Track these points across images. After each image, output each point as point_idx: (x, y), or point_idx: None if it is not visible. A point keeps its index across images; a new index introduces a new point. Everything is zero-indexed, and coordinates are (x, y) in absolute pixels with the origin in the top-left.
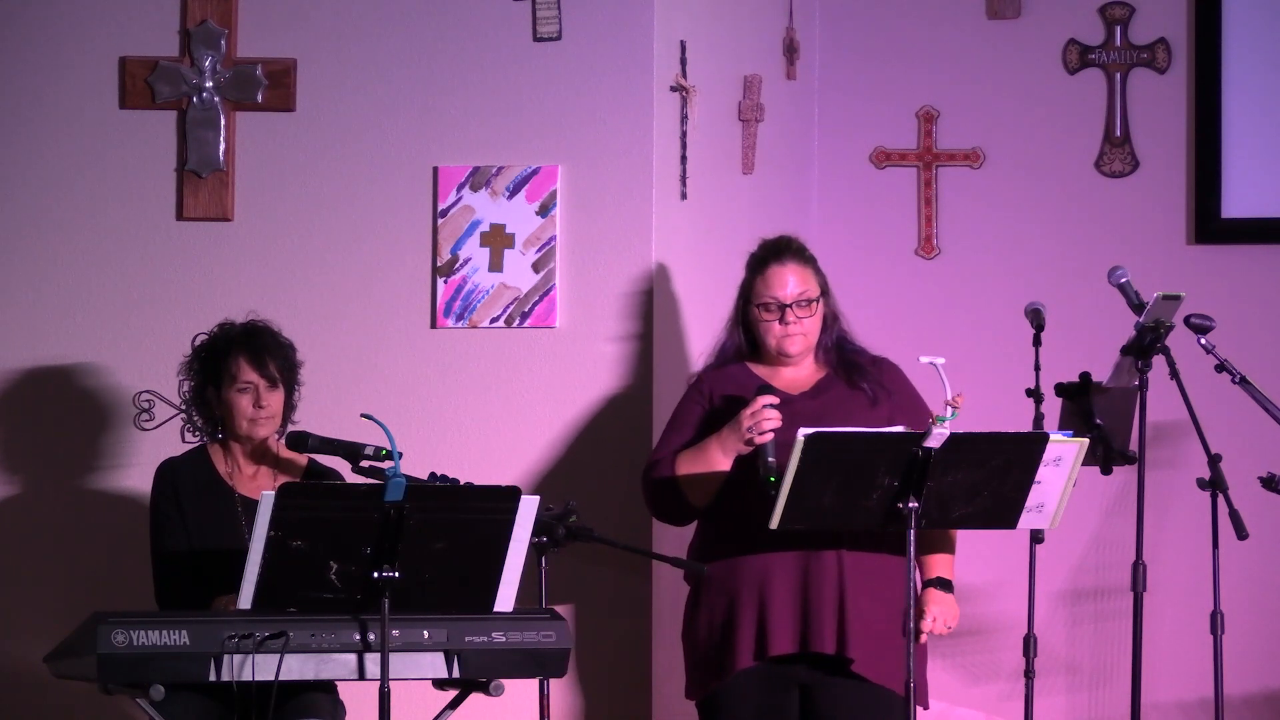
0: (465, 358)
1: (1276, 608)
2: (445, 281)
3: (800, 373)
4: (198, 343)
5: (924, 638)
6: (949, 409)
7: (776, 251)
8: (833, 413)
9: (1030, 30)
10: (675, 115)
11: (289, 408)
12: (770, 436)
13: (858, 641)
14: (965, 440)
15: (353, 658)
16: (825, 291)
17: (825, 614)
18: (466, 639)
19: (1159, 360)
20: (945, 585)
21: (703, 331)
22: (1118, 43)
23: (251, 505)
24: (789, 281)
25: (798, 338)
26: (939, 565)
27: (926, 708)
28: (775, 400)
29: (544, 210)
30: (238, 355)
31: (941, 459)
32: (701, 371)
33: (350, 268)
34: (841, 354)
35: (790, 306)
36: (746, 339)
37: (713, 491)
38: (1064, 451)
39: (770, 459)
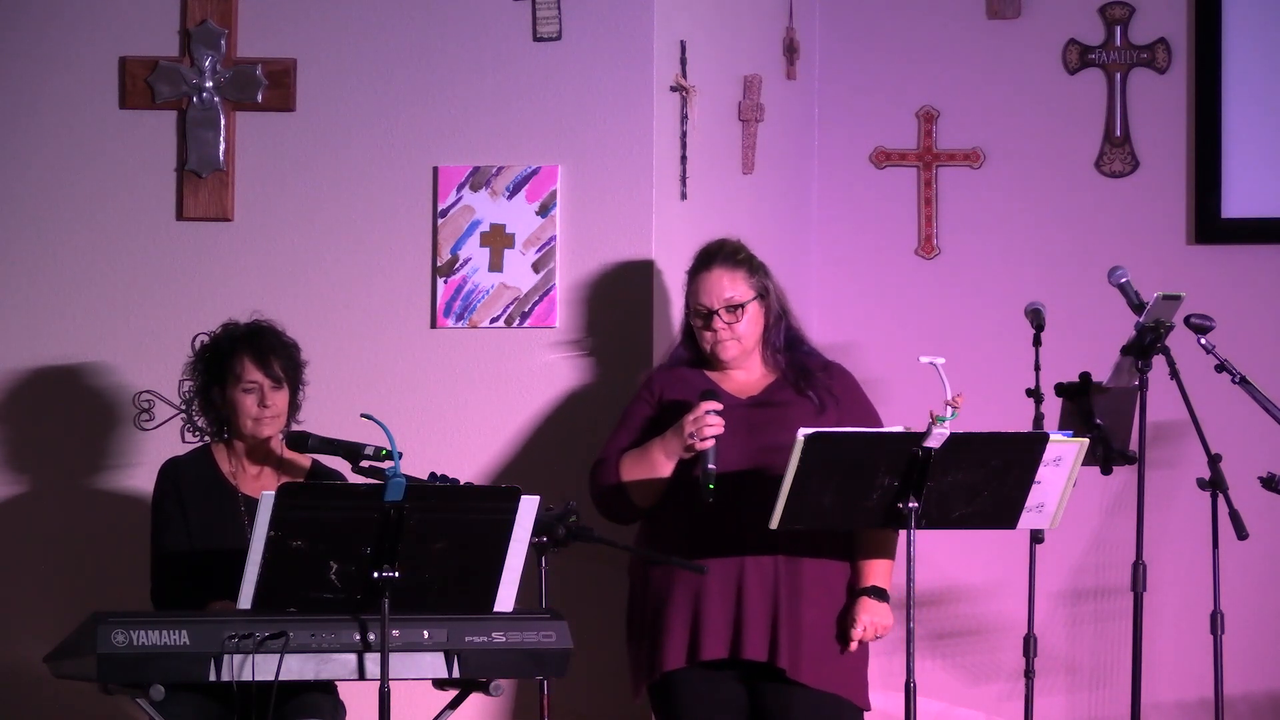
0: (465, 358)
1: (1276, 608)
2: (445, 281)
3: (750, 376)
4: (200, 343)
5: (853, 645)
6: (949, 409)
7: (706, 258)
8: (777, 420)
9: (1030, 30)
10: (675, 115)
11: (294, 407)
12: (712, 443)
13: (792, 649)
14: (965, 440)
15: (353, 658)
16: (764, 293)
17: (759, 622)
18: (466, 639)
19: (1159, 360)
20: (880, 594)
21: None
22: (1118, 43)
23: (255, 505)
24: (714, 288)
25: (729, 343)
26: (876, 573)
27: (869, 709)
28: (718, 406)
29: (544, 210)
30: (242, 355)
31: (941, 459)
32: (653, 372)
33: (350, 268)
34: (792, 357)
35: (717, 313)
36: (691, 346)
37: (656, 493)
38: (1064, 451)
39: (711, 465)
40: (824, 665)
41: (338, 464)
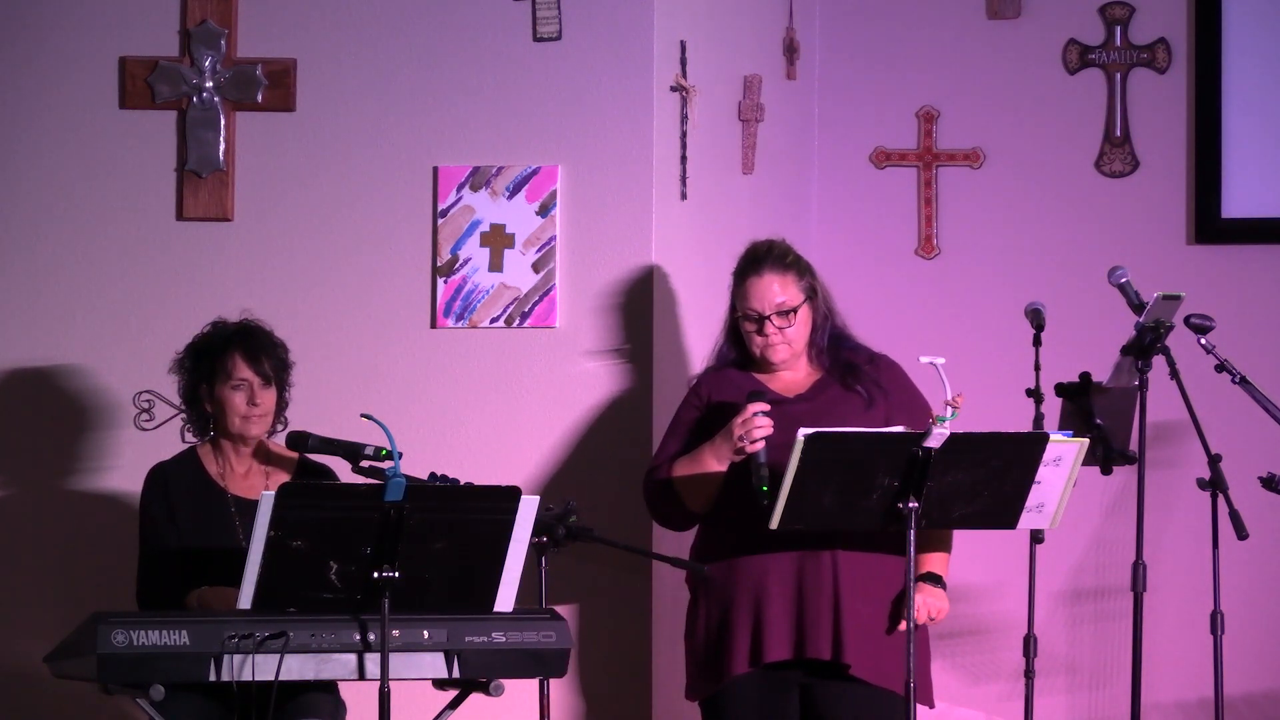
0: (465, 358)
1: (1276, 608)
2: (445, 281)
3: (796, 375)
4: (191, 340)
5: (902, 624)
6: (949, 409)
7: (754, 261)
8: (827, 416)
9: (1030, 30)
10: (675, 115)
11: (281, 407)
12: (762, 445)
13: (854, 645)
14: (965, 440)
15: (353, 658)
16: (812, 295)
17: (821, 620)
18: (466, 639)
19: (1159, 360)
20: (937, 580)
21: (702, 331)
22: (1118, 43)
23: (244, 504)
24: (765, 293)
25: (780, 347)
26: (933, 562)
27: (932, 706)
28: (766, 407)
29: (544, 210)
30: (233, 352)
31: (941, 459)
32: (700, 375)
33: (350, 268)
34: (837, 354)
35: (769, 318)
36: (738, 347)
37: (711, 497)
38: (1064, 451)
39: (763, 467)
40: (884, 661)
41: (330, 461)
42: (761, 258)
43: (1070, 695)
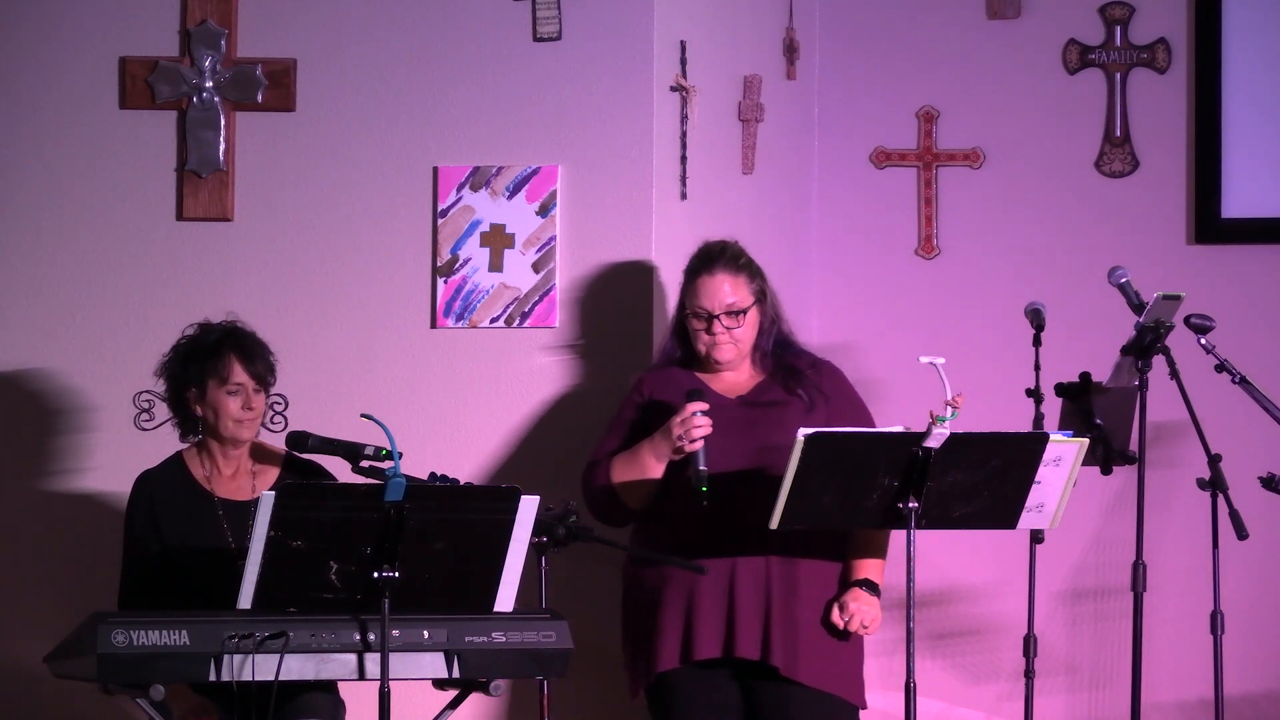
0: (465, 358)
1: (1276, 608)
2: (445, 281)
3: (739, 376)
4: (177, 342)
5: (836, 619)
6: (949, 409)
7: (707, 260)
8: (767, 419)
9: (1030, 30)
10: (675, 115)
11: (266, 410)
12: (700, 444)
13: (786, 647)
14: (965, 440)
15: (353, 658)
16: (762, 297)
17: (750, 620)
18: (466, 639)
19: (1159, 360)
20: (871, 587)
21: None
22: (1118, 43)
23: (232, 507)
24: (716, 292)
25: (726, 346)
26: (868, 569)
27: (865, 707)
28: (705, 406)
29: (544, 210)
30: (229, 356)
31: (941, 459)
32: (643, 373)
33: (350, 268)
34: (781, 358)
35: (718, 317)
36: (683, 345)
37: (648, 495)
38: (1064, 451)
39: (701, 467)
40: (818, 663)
41: (325, 460)
42: (715, 257)
43: (1070, 695)
